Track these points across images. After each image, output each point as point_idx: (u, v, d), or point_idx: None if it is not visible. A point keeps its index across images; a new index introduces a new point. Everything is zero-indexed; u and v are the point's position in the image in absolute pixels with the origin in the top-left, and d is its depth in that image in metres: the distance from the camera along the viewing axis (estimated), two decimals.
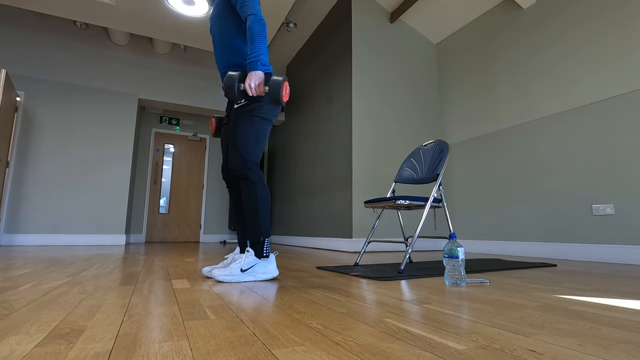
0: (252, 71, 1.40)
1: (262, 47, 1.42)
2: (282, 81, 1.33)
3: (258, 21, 1.45)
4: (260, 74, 1.40)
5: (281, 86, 1.32)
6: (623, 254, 2.56)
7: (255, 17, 1.45)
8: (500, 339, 0.69)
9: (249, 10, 1.48)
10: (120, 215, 4.64)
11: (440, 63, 4.50)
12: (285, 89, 1.35)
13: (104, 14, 3.82)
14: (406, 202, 1.85)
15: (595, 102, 2.85)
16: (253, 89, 1.38)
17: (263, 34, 1.44)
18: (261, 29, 1.43)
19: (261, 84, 1.39)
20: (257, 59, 1.40)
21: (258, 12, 1.48)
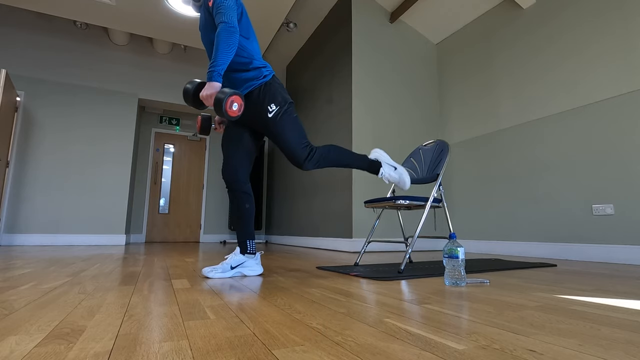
0: (208, 82, 1.41)
1: (223, 57, 1.41)
2: (227, 96, 1.34)
3: (227, 29, 1.43)
4: (214, 84, 1.40)
5: (223, 102, 1.33)
6: (623, 254, 2.56)
7: (225, 25, 1.44)
8: (500, 339, 0.69)
9: (221, 17, 1.46)
10: (120, 215, 4.64)
11: (440, 63, 4.50)
12: (230, 104, 1.34)
13: (104, 14, 3.82)
14: (406, 202, 1.85)
15: (595, 102, 2.85)
16: (205, 99, 1.41)
17: (228, 43, 1.42)
18: (227, 38, 1.42)
19: (212, 95, 1.40)
20: (214, 69, 1.40)
21: (230, 19, 1.45)
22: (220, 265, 1.58)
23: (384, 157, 1.78)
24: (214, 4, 1.50)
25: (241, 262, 1.61)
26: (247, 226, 1.63)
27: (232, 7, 1.49)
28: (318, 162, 1.62)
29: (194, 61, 5.58)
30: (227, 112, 1.34)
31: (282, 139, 1.57)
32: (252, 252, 1.64)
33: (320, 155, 1.62)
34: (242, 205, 1.61)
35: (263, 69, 1.59)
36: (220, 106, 1.33)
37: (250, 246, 1.64)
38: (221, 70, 1.42)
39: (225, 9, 1.47)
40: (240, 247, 1.63)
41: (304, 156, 1.59)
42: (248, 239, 1.63)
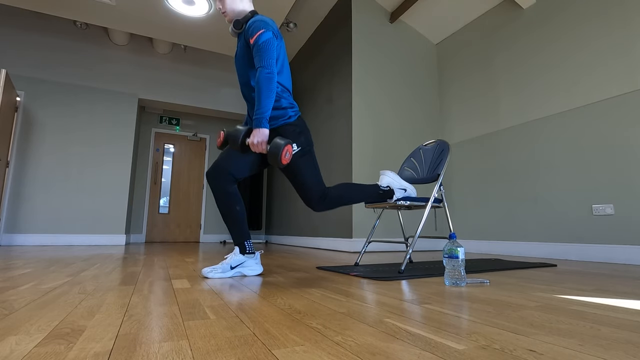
0: (256, 128, 1.42)
1: (267, 103, 1.43)
2: (283, 146, 1.36)
3: (266, 76, 1.44)
4: (263, 132, 1.42)
5: (280, 150, 1.35)
6: (623, 254, 2.56)
7: (264, 71, 1.44)
8: (500, 339, 0.69)
9: (260, 61, 1.47)
10: (120, 215, 4.64)
11: (440, 63, 4.50)
12: (285, 154, 1.37)
13: (104, 14, 3.82)
14: (407, 202, 1.85)
15: (595, 102, 2.85)
16: (255, 146, 1.43)
17: (269, 88, 1.43)
18: (268, 84, 1.43)
19: (263, 143, 1.42)
20: (262, 116, 1.42)
21: (269, 65, 1.46)
22: (220, 266, 1.58)
23: (395, 183, 1.81)
24: (255, 42, 1.49)
25: (241, 262, 1.61)
26: (241, 227, 1.61)
27: (272, 50, 1.49)
28: (331, 202, 1.63)
29: (194, 61, 5.58)
30: (281, 161, 1.37)
31: (299, 179, 1.57)
32: (251, 252, 1.65)
33: (333, 195, 1.62)
34: (233, 208, 1.58)
35: (289, 110, 1.58)
36: (276, 157, 1.35)
37: (249, 246, 1.64)
38: (267, 116, 1.44)
39: (265, 52, 1.47)
40: (238, 248, 1.63)
41: (318, 196, 1.59)
42: (245, 239, 1.62)
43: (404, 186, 1.84)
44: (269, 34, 1.50)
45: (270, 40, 1.49)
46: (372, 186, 1.76)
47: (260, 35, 1.49)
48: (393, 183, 1.82)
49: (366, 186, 1.74)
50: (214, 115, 6.08)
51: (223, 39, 4.35)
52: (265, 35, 1.49)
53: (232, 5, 1.63)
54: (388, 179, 1.82)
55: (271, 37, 1.50)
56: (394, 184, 1.82)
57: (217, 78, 5.74)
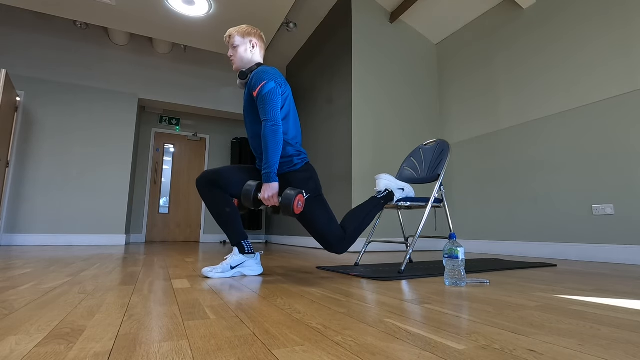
0: (266, 183, 1.45)
1: (274, 157, 1.45)
2: (294, 196, 1.39)
3: (271, 128, 1.45)
4: (273, 186, 1.45)
5: (292, 201, 1.38)
6: (623, 254, 2.56)
7: (268, 124, 1.46)
8: (500, 339, 0.69)
9: (265, 114, 1.47)
10: (120, 215, 4.64)
11: (440, 63, 4.50)
12: (297, 204, 1.40)
13: (104, 14, 3.82)
14: (407, 202, 1.85)
15: (595, 102, 2.85)
16: (267, 200, 1.46)
17: (276, 141, 1.45)
18: (274, 137, 1.44)
19: (274, 196, 1.45)
20: (270, 170, 1.44)
21: (273, 117, 1.46)
22: (220, 266, 1.58)
23: (393, 184, 1.82)
24: (258, 94, 1.50)
25: (241, 262, 1.61)
26: (236, 228, 1.60)
27: (276, 101, 1.49)
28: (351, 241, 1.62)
29: (194, 61, 5.58)
30: (294, 211, 1.39)
31: (315, 226, 1.56)
32: (251, 252, 1.64)
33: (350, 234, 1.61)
34: (223, 210, 1.57)
35: (295, 157, 1.58)
36: (288, 208, 1.38)
37: (247, 246, 1.63)
38: (275, 170, 1.45)
39: (268, 103, 1.48)
40: (237, 248, 1.63)
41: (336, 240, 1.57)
42: (242, 239, 1.62)
43: (401, 186, 1.85)
44: (271, 84, 1.50)
45: (273, 90, 1.49)
46: (372, 200, 1.76)
47: (263, 86, 1.50)
48: (390, 185, 1.82)
49: (368, 204, 1.73)
50: (214, 115, 6.08)
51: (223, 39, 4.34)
52: (267, 86, 1.49)
53: (243, 54, 1.65)
54: (385, 182, 1.82)
55: (274, 87, 1.50)
56: (392, 185, 1.82)
57: (217, 78, 5.74)
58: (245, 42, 1.65)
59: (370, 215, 1.71)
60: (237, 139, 5.89)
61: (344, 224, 1.64)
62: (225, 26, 4.07)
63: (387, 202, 1.81)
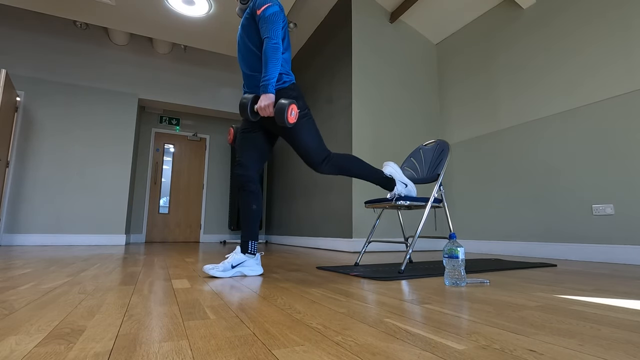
0: (263, 93, 1.49)
1: (273, 71, 1.50)
2: (288, 105, 1.43)
3: (272, 46, 1.50)
4: (269, 96, 1.49)
5: (285, 110, 1.42)
6: (623, 254, 2.56)
7: (270, 41, 1.51)
8: (500, 339, 0.69)
9: (266, 32, 1.53)
10: (120, 215, 4.64)
11: (440, 63, 4.50)
12: (290, 112, 1.44)
13: (104, 14, 3.82)
14: (407, 202, 1.85)
15: (595, 102, 2.85)
16: (262, 109, 1.50)
17: (276, 57, 1.50)
18: (274, 54, 1.50)
19: (270, 105, 1.49)
20: (268, 82, 1.49)
21: (275, 35, 1.52)
22: (222, 264, 1.59)
23: (398, 175, 1.83)
24: (262, 14, 1.55)
25: (242, 262, 1.62)
26: (252, 227, 1.65)
27: (279, 22, 1.55)
28: (334, 166, 1.66)
29: (194, 61, 5.58)
30: (288, 119, 1.43)
31: (300, 141, 1.60)
32: (253, 253, 1.65)
33: (337, 160, 1.66)
34: (250, 206, 1.64)
35: (284, 75, 1.62)
36: (282, 115, 1.42)
37: (252, 246, 1.65)
38: (273, 82, 1.50)
39: (272, 23, 1.53)
40: (241, 246, 1.65)
41: (321, 158, 1.63)
42: (251, 239, 1.65)
43: (406, 181, 1.85)
44: (276, 7, 1.57)
45: (277, 13, 1.56)
46: (378, 171, 1.78)
47: (268, 7, 1.56)
48: (395, 174, 1.82)
49: (371, 169, 1.76)
50: (214, 115, 6.09)
51: (223, 39, 4.35)
52: (272, 8, 1.56)
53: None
54: (391, 169, 1.83)
55: (278, 10, 1.56)
56: (396, 176, 1.82)
57: (217, 78, 5.74)
58: None
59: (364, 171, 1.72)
60: None
61: (337, 153, 1.68)
62: (225, 26, 4.07)
63: (385, 186, 1.81)
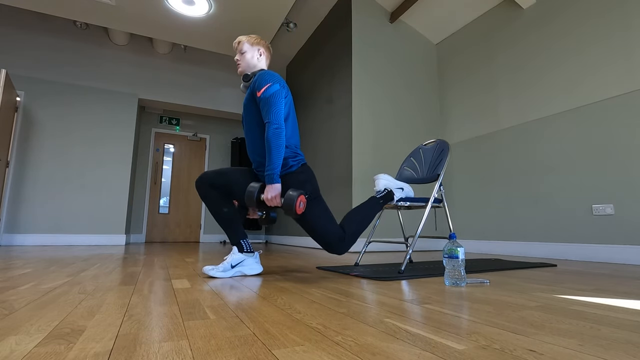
0: (269, 184, 1.46)
1: (276, 159, 1.46)
2: (296, 197, 1.40)
3: (274, 131, 1.47)
4: (276, 187, 1.46)
5: (294, 202, 1.40)
6: (623, 254, 2.56)
7: (272, 126, 1.47)
8: (500, 339, 0.69)
9: (268, 116, 1.49)
10: (120, 215, 4.64)
11: (440, 63, 4.50)
12: (299, 204, 1.41)
13: (104, 14, 3.82)
14: (407, 202, 1.85)
15: (595, 102, 2.85)
16: (270, 201, 1.47)
17: (278, 143, 1.47)
18: (276, 139, 1.46)
19: (277, 196, 1.47)
20: (273, 172, 1.46)
21: (276, 119, 1.48)
22: (221, 265, 1.59)
23: (392, 183, 1.83)
24: (262, 96, 1.52)
25: (240, 261, 1.62)
26: (236, 227, 1.63)
27: (280, 104, 1.51)
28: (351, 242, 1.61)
29: (194, 61, 5.58)
30: (296, 211, 1.41)
31: (314, 227, 1.55)
32: (250, 251, 1.65)
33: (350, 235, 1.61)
34: (222, 210, 1.60)
35: (290, 160, 1.59)
36: (291, 208, 1.39)
37: (246, 245, 1.64)
38: (278, 172, 1.47)
39: (272, 105, 1.50)
40: (237, 247, 1.64)
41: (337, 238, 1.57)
42: (241, 239, 1.64)
43: (401, 185, 1.86)
44: (276, 87, 1.52)
45: (277, 92, 1.51)
46: (371, 200, 1.77)
47: (268, 88, 1.51)
48: (389, 184, 1.83)
49: (367, 204, 1.74)
50: (214, 115, 6.08)
51: (223, 39, 4.35)
52: (272, 88, 1.51)
53: (249, 61, 1.69)
54: (384, 182, 1.83)
55: (278, 90, 1.52)
56: (391, 185, 1.83)
57: (217, 78, 5.74)
58: (254, 50, 1.70)
59: (369, 215, 1.71)
60: (237, 139, 5.89)
61: (343, 224, 1.64)
62: (225, 26, 4.07)
63: (387, 202, 1.81)
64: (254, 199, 1.48)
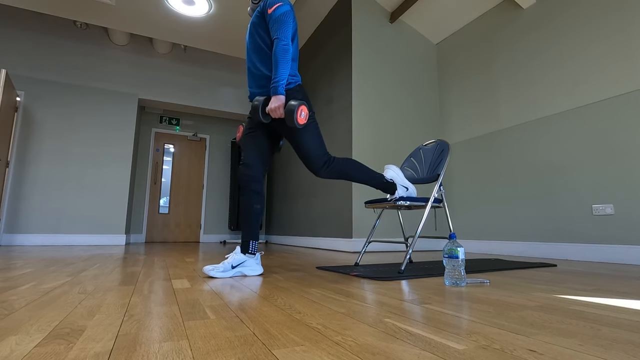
0: (274, 95, 1.51)
1: (283, 72, 1.51)
2: (297, 106, 1.45)
3: (282, 47, 1.51)
4: (280, 97, 1.50)
5: (294, 111, 1.44)
6: (623, 254, 2.56)
7: (280, 42, 1.51)
8: (500, 339, 0.69)
9: (276, 33, 1.53)
10: (120, 215, 4.64)
11: (440, 63, 4.50)
12: (300, 113, 1.46)
13: (104, 14, 3.82)
14: (407, 202, 1.85)
15: (595, 102, 2.85)
16: (273, 111, 1.51)
17: (285, 59, 1.51)
18: (284, 55, 1.50)
19: (280, 107, 1.50)
20: (278, 84, 1.50)
21: (285, 36, 1.52)
22: (222, 265, 1.59)
23: (399, 179, 1.84)
24: (272, 14, 1.55)
25: (242, 262, 1.61)
26: (254, 226, 1.65)
27: (289, 23, 1.55)
28: (334, 171, 1.65)
29: (194, 61, 5.58)
30: (297, 120, 1.45)
31: (303, 144, 1.61)
32: (253, 253, 1.65)
33: (338, 165, 1.66)
34: (252, 206, 1.63)
35: (290, 77, 1.62)
36: (292, 116, 1.44)
37: (252, 247, 1.64)
38: (284, 84, 1.51)
39: (283, 24, 1.54)
40: (241, 246, 1.64)
41: (321, 163, 1.63)
42: (252, 239, 1.64)
43: (407, 184, 1.85)
44: (287, 7, 1.57)
45: (287, 12, 1.56)
46: (378, 174, 1.78)
47: (279, 7, 1.56)
48: (397, 178, 1.83)
49: (372, 170, 1.76)
50: (214, 115, 6.09)
51: (223, 39, 4.35)
52: (283, 7, 1.56)
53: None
54: (392, 173, 1.83)
55: (289, 10, 1.57)
56: (398, 179, 1.83)
57: (217, 78, 5.74)
58: None
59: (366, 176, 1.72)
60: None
61: (339, 159, 1.68)
62: (225, 26, 4.07)
63: (385, 190, 1.81)
64: (259, 110, 1.53)
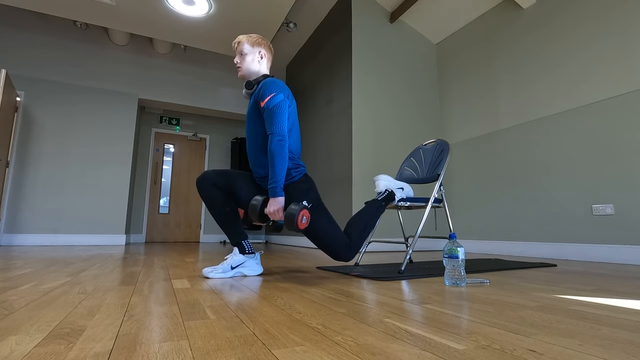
0: (272, 198, 1.45)
1: (280, 172, 1.44)
2: (298, 211, 1.37)
3: (278, 143, 1.44)
4: (279, 200, 1.44)
5: (296, 216, 1.36)
6: (623, 254, 2.56)
7: (275, 138, 1.45)
8: (500, 339, 0.69)
9: (271, 127, 1.46)
10: (120, 215, 4.64)
11: (441, 63, 4.50)
12: (301, 219, 1.38)
13: (104, 14, 3.82)
14: (407, 202, 1.85)
15: (595, 102, 2.85)
16: (272, 214, 1.45)
17: (282, 155, 1.44)
18: (280, 151, 1.44)
19: (280, 210, 1.45)
20: (276, 185, 1.44)
21: (280, 130, 1.46)
22: (221, 266, 1.58)
23: (392, 184, 1.83)
24: (266, 106, 1.49)
25: (241, 262, 1.61)
26: (236, 228, 1.61)
27: (284, 114, 1.48)
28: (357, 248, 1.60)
29: (194, 61, 5.58)
30: (298, 226, 1.38)
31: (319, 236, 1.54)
32: (251, 252, 1.64)
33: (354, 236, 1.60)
34: (223, 210, 1.57)
35: (292, 170, 1.57)
36: (292, 222, 1.36)
37: (247, 246, 1.63)
38: (282, 184, 1.45)
39: (276, 116, 1.47)
40: (237, 248, 1.63)
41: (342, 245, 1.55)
42: (242, 239, 1.62)
43: (401, 185, 1.86)
44: (280, 97, 1.49)
45: (281, 103, 1.49)
46: (373, 203, 1.77)
47: (272, 98, 1.48)
48: (390, 185, 1.83)
49: (370, 208, 1.74)
50: (214, 115, 6.08)
51: (223, 39, 4.35)
52: (276, 98, 1.49)
53: (250, 65, 1.63)
54: (384, 183, 1.83)
55: (282, 100, 1.50)
56: (391, 185, 1.83)
57: (217, 78, 5.73)
58: (254, 51, 1.64)
59: (373, 218, 1.71)
60: (237, 139, 5.89)
61: (348, 230, 1.62)
62: (225, 26, 4.07)
63: (389, 203, 1.81)
64: (257, 212, 1.47)
